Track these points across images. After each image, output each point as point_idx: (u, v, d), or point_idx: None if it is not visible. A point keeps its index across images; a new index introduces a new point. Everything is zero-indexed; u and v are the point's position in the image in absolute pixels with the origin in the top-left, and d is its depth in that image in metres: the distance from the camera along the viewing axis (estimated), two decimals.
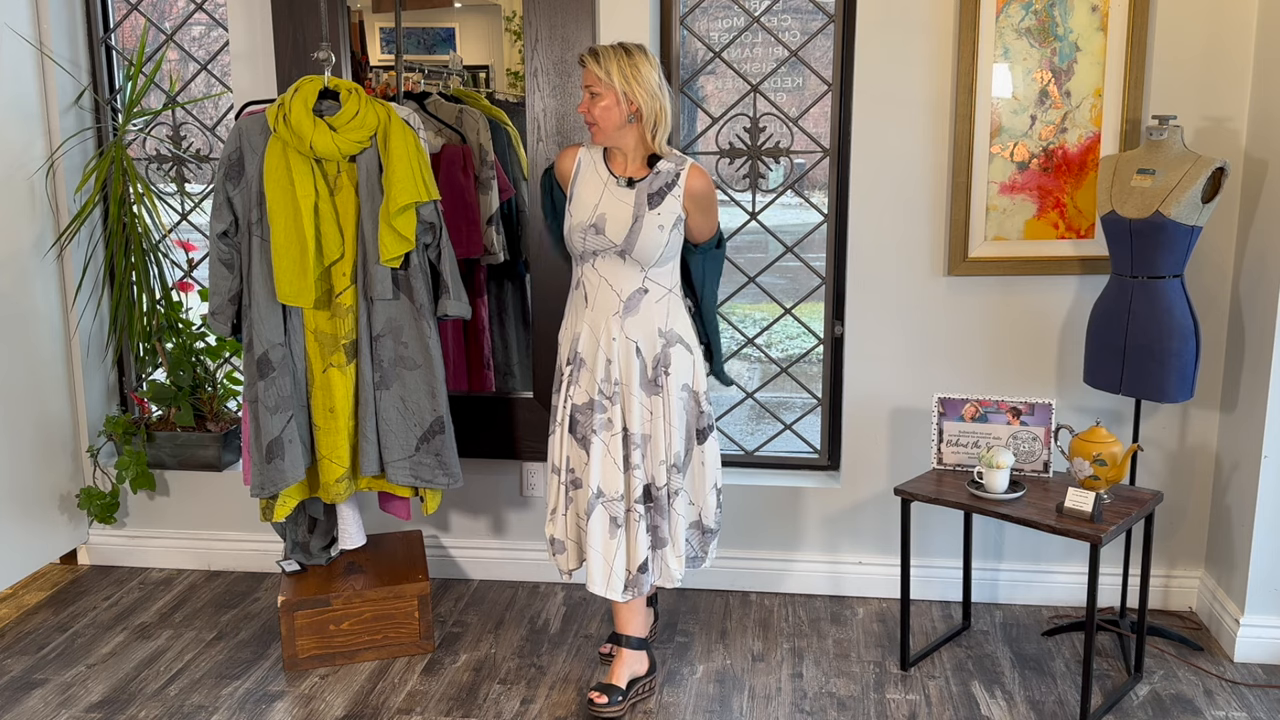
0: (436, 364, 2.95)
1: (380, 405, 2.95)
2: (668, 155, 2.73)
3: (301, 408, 2.97)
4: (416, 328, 2.92)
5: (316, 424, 2.98)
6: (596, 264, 2.74)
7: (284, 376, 2.91)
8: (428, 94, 3.34)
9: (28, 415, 3.52)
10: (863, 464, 3.42)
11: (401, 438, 2.97)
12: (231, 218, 2.91)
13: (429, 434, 2.97)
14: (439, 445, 2.99)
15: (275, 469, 2.93)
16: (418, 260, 2.89)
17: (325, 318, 2.93)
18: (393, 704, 2.89)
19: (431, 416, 2.96)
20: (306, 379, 2.96)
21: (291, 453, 2.94)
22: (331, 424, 2.96)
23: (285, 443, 2.93)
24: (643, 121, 2.67)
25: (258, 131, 2.86)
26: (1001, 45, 3.11)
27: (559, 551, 2.85)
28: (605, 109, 2.65)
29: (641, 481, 2.75)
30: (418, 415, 2.96)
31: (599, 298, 2.75)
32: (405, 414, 2.96)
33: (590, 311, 2.76)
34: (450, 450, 3.00)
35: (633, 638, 2.89)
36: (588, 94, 2.67)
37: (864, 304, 3.32)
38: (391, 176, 2.78)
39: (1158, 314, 2.87)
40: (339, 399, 2.95)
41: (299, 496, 3.06)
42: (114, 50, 3.71)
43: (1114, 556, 3.29)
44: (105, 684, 3.00)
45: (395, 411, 2.96)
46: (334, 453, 2.97)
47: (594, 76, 2.64)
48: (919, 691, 2.93)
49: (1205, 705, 2.85)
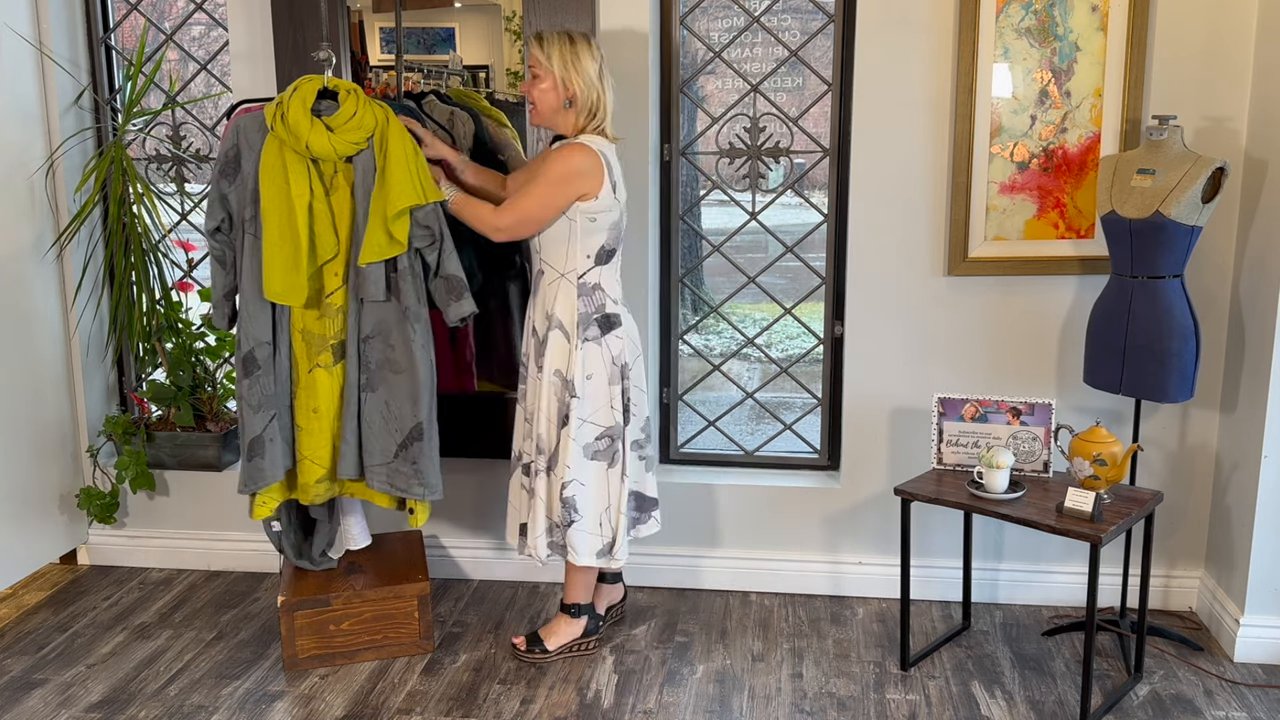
0: (422, 369, 2.91)
1: (364, 408, 2.94)
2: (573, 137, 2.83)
3: (285, 408, 2.97)
4: (403, 331, 2.90)
5: (299, 424, 2.97)
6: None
7: (268, 375, 2.92)
8: (425, 94, 3.34)
9: (28, 415, 3.52)
10: (863, 464, 3.42)
11: (382, 442, 2.95)
12: (224, 214, 2.92)
13: (408, 440, 2.94)
14: (417, 453, 2.95)
15: (255, 467, 2.94)
16: (408, 263, 2.88)
17: (314, 317, 2.93)
18: (393, 704, 2.89)
19: (412, 423, 2.94)
20: (291, 378, 2.96)
21: (272, 452, 2.94)
22: (315, 424, 2.95)
23: (266, 442, 2.93)
24: (577, 108, 2.80)
25: (255, 130, 2.86)
26: (1001, 45, 3.11)
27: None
28: (543, 91, 2.80)
29: (527, 454, 2.98)
30: (399, 421, 2.94)
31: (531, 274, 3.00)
32: (388, 418, 2.94)
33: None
34: (428, 460, 2.96)
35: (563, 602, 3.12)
36: (530, 74, 2.81)
37: (864, 304, 3.32)
38: (390, 179, 2.77)
39: (1158, 314, 2.87)
40: (323, 400, 2.94)
41: (280, 497, 3.05)
42: (114, 50, 3.71)
43: (1114, 556, 3.29)
44: (105, 684, 3.00)
45: (378, 415, 2.94)
46: (315, 453, 2.97)
47: (536, 59, 2.78)
48: (919, 691, 2.93)
49: (1205, 705, 2.85)
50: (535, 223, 2.81)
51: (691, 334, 4.91)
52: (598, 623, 3.18)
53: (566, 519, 2.89)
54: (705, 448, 3.71)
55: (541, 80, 2.78)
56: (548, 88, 2.78)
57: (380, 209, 2.78)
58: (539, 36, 2.78)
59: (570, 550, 2.91)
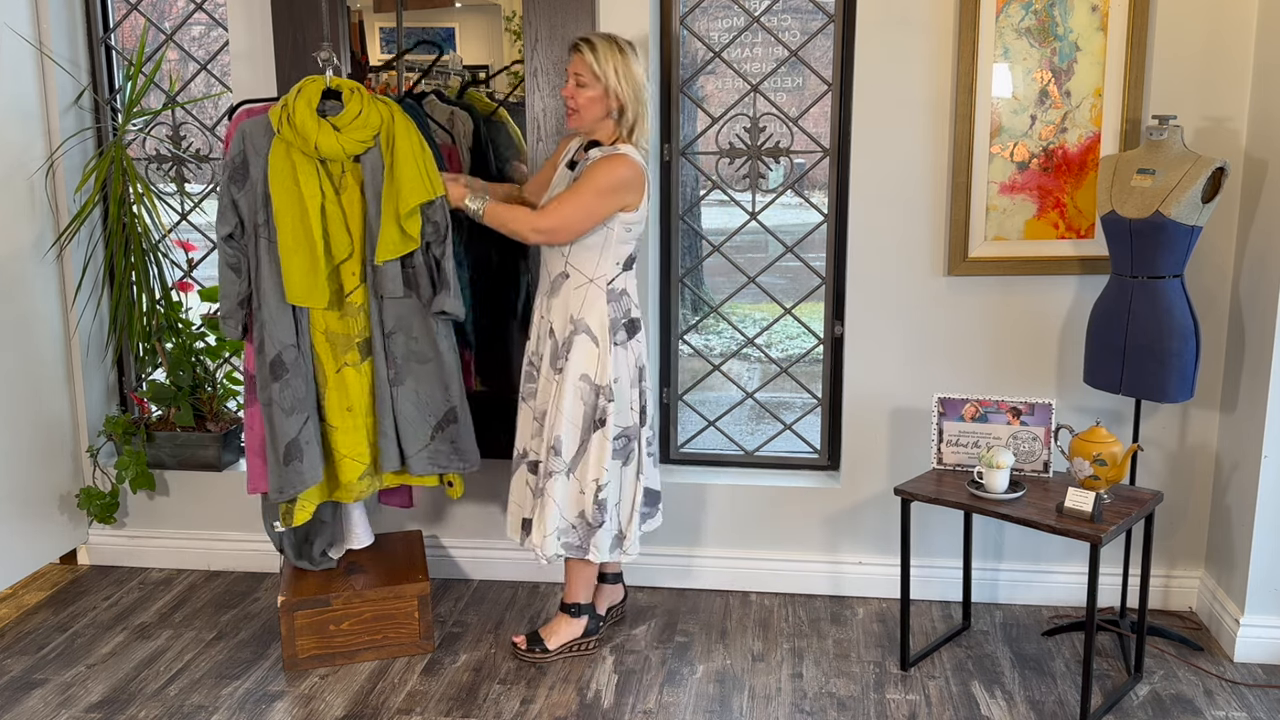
0: (447, 357, 2.97)
1: (397, 401, 2.97)
2: (607, 144, 2.83)
3: (313, 409, 2.97)
4: (425, 323, 2.94)
5: (333, 424, 2.97)
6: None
7: (297, 378, 2.91)
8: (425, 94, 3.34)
9: (28, 415, 3.52)
10: (863, 464, 3.42)
11: (419, 429, 2.99)
12: (236, 220, 2.90)
13: (443, 423, 3.01)
14: (454, 433, 3.02)
15: (294, 471, 2.91)
16: (423, 258, 2.89)
17: (335, 317, 2.93)
18: (393, 704, 2.89)
19: (445, 408, 3.00)
20: (317, 380, 2.96)
21: (310, 454, 2.93)
22: (350, 422, 2.96)
23: (303, 445, 2.91)
24: (624, 119, 2.80)
25: (261, 133, 2.85)
26: (1001, 45, 3.11)
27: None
28: (590, 100, 2.76)
29: (535, 453, 2.98)
30: (432, 406, 2.99)
31: (541, 275, 2.97)
32: (420, 406, 2.98)
33: (540, 286, 2.99)
34: (466, 436, 3.04)
35: (563, 601, 3.12)
36: (574, 80, 2.76)
37: (864, 304, 3.32)
38: (400, 176, 2.77)
39: (1158, 314, 2.87)
40: (355, 397, 2.95)
41: (318, 499, 3.04)
42: (114, 50, 3.71)
43: (1114, 556, 3.29)
44: (105, 684, 3.00)
45: (411, 405, 2.97)
46: (355, 450, 2.98)
47: (584, 65, 2.73)
48: (919, 691, 2.93)
49: (1205, 705, 2.85)
50: (576, 231, 2.79)
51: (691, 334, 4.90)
52: (598, 623, 3.18)
53: (598, 519, 2.90)
54: (705, 448, 3.71)
55: (588, 88, 2.75)
56: (595, 96, 2.75)
57: (392, 207, 2.79)
58: (589, 43, 2.74)
59: (593, 549, 2.93)
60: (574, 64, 2.76)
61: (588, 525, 2.92)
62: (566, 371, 2.85)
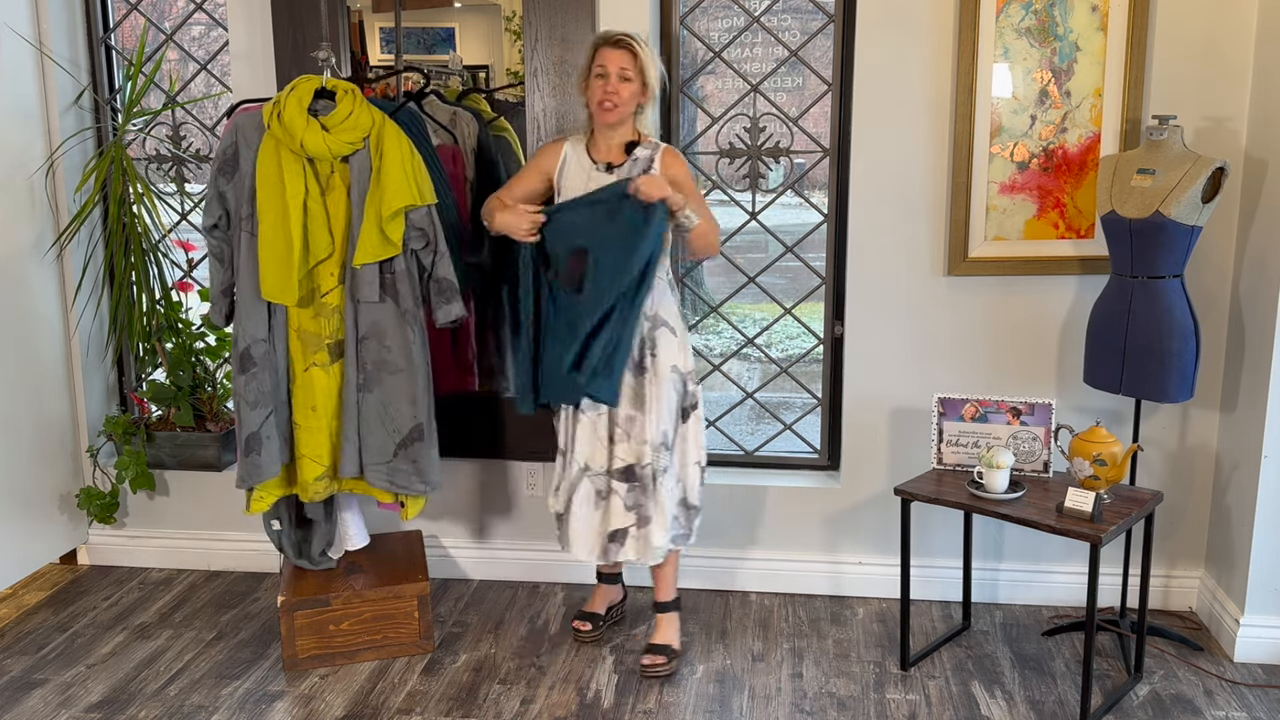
0: (419, 369, 2.92)
1: (362, 408, 2.95)
2: (644, 141, 2.88)
3: (282, 404, 2.97)
4: (400, 332, 2.91)
5: (297, 422, 2.98)
6: None
7: (265, 372, 2.92)
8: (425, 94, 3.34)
9: (28, 415, 3.52)
10: (863, 464, 3.42)
11: (380, 441, 2.96)
12: (222, 212, 2.93)
13: (407, 440, 2.95)
14: (417, 452, 2.96)
15: (251, 463, 2.94)
16: (405, 265, 2.88)
17: (309, 316, 2.93)
18: (393, 704, 2.89)
19: (411, 424, 2.94)
20: (288, 376, 2.97)
21: (268, 449, 2.95)
22: (313, 422, 2.96)
23: (263, 438, 2.94)
24: (639, 115, 2.87)
25: (254, 128, 2.86)
26: (1001, 45, 3.11)
27: (559, 525, 3.00)
28: (632, 95, 2.82)
29: (623, 460, 2.88)
30: (397, 422, 2.94)
31: None
32: (385, 419, 2.95)
33: None
34: (428, 458, 2.97)
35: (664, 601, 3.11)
36: (616, 77, 2.78)
37: (864, 304, 3.32)
38: (385, 179, 2.77)
39: (1158, 314, 2.87)
40: (320, 398, 2.95)
41: (278, 492, 3.05)
42: (114, 50, 3.71)
43: (1114, 556, 3.29)
44: (105, 684, 3.00)
45: (375, 416, 2.95)
46: (314, 451, 2.97)
47: (634, 64, 2.79)
48: (919, 691, 2.93)
49: (1205, 705, 2.85)
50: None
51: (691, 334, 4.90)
52: (599, 622, 3.18)
53: (698, 501, 3.00)
54: (705, 447, 3.70)
55: (633, 83, 2.80)
56: (635, 91, 2.81)
57: (375, 210, 2.79)
58: (638, 41, 2.81)
59: (694, 533, 3.01)
60: (617, 59, 2.77)
61: (687, 511, 2.97)
62: (658, 367, 2.87)
